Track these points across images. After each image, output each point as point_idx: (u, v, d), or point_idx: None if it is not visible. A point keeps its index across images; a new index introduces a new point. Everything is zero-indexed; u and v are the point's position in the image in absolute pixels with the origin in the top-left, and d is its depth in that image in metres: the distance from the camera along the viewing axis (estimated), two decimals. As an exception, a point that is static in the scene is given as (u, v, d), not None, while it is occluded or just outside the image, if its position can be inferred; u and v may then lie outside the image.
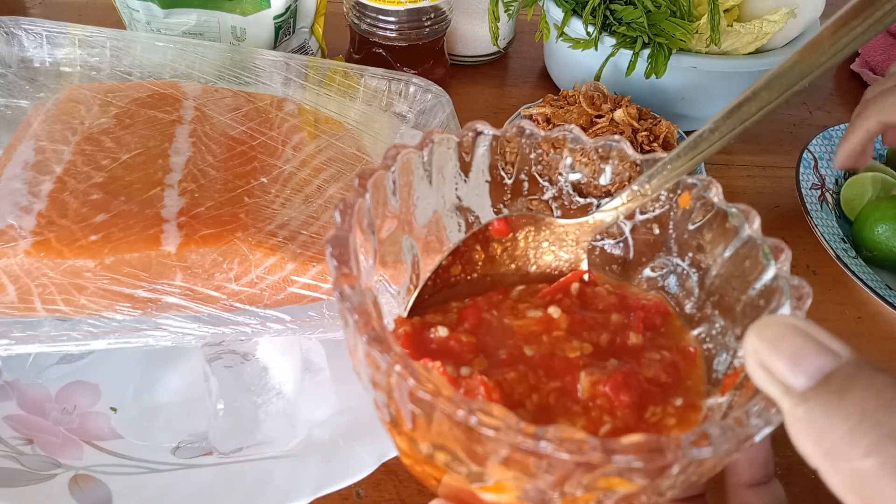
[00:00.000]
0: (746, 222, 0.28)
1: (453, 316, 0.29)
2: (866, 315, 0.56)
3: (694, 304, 0.30)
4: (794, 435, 0.18)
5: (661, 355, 0.27)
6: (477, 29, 0.76)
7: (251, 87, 0.56)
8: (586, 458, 0.18)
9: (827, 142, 0.67)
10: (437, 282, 0.31)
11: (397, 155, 0.28)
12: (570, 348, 0.27)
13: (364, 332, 0.21)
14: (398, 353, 0.20)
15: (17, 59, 0.55)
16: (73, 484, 0.37)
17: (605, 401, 0.25)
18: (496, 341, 0.27)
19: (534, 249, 0.32)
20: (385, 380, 0.21)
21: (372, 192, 0.26)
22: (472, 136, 0.31)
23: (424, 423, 0.21)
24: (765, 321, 0.20)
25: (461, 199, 0.32)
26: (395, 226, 0.29)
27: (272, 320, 0.39)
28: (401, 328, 0.27)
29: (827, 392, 0.18)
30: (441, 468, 0.23)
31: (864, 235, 0.58)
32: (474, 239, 0.32)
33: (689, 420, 0.25)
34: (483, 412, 0.19)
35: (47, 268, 0.36)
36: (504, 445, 0.19)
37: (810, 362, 0.18)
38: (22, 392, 0.42)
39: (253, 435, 0.40)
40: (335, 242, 0.23)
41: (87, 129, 0.45)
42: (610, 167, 0.32)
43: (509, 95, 0.77)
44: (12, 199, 0.39)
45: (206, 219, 0.40)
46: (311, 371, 0.43)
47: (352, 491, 0.40)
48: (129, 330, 0.38)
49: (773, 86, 0.24)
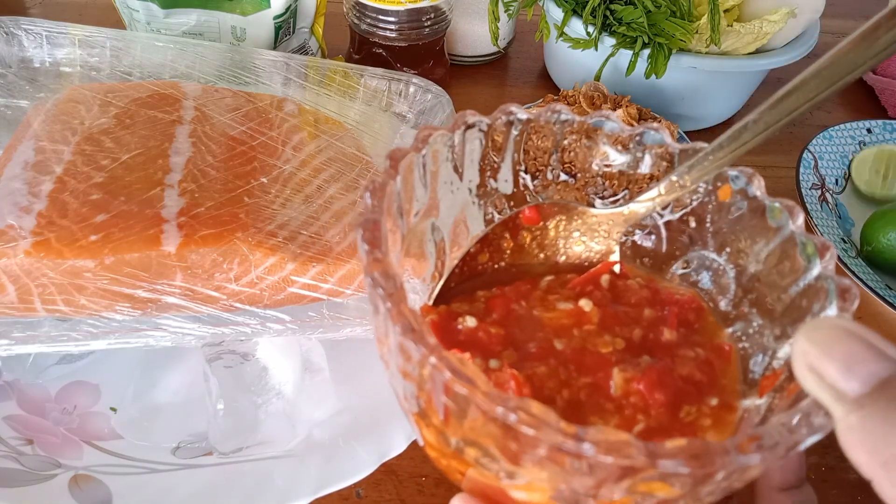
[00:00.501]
0: (790, 218, 0.26)
1: (480, 305, 0.28)
2: (866, 315, 0.56)
3: (729, 301, 0.29)
4: (845, 443, 0.18)
5: (695, 353, 0.27)
6: (477, 29, 0.76)
7: (251, 87, 0.56)
8: (631, 462, 0.17)
9: (827, 142, 0.67)
10: (463, 270, 0.30)
11: (430, 137, 0.27)
12: (602, 343, 0.26)
13: (398, 321, 0.20)
14: (433, 344, 0.19)
15: (17, 59, 0.55)
16: (73, 484, 0.37)
17: (638, 399, 0.24)
18: (525, 333, 0.26)
19: (564, 239, 0.31)
20: (417, 371, 0.20)
21: (403, 175, 0.25)
22: (504, 120, 0.29)
23: (457, 417, 0.20)
24: (815, 323, 0.19)
25: (489, 185, 0.31)
26: (423, 211, 0.28)
27: (272, 320, 0.39)
28: (427, 317, 0.26)
29: (884, 399, 0.17)
30: (468, 463, 0.22)
31: (873, 236, 0.58)
32: (503, 227, 0.31)
33: (725, 421, 0.25)
34: (522, 409, 0.18)
35: (47, 268, 0.36)
36: (543, 445, 0.18)
37: (864, 367, 0.17)
38: (22, 392, 0.42)
39: (253, 435, 0.40)
40: (366, 225, 0.22)
41: (87, 129, 0.45)
42: (648, 156, 0.31)
43: (509, 95, 0.77)
44: (12, 199, 0.39)
45: (206, 219, 0.40)
46: (311, 371, 0.43)
47: (352, 491, 0.40)
48: (129, 330, 0.38)
49: (823, 76, 0.22)
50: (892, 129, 0.69)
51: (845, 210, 0.65)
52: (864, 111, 0.80)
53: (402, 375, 0.22)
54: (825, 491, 0.44)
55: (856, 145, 0.68)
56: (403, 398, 0.23)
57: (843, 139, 0.68)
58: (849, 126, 0.68)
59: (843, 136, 0.68)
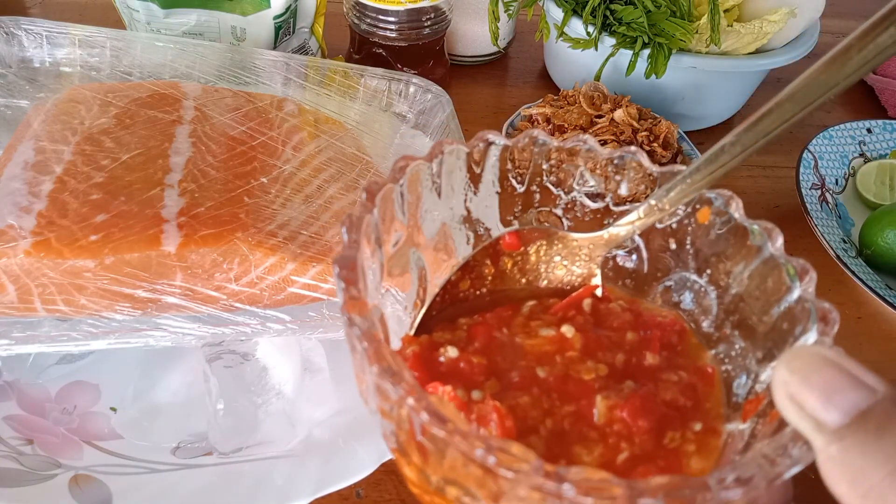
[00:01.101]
0: (769, 240, 0.27)
1: (462, 333, 0.28)
2: (866, 315, 0.56)
3: (711, 323, 0.29)
4: (826, 474, 0.18)
5: (678, 376, 0.27)
6: (477, 29, 0.76)
7: (251, 87, 0.56)
8: (611, 501, 0.17)
9: (827, 142, 0.67)
10: (445, 297, 0.30)
11: (406, 167, 0.27)
12: (584, 370, 0.26)
13: (374, 361, 0.20)
14: (410, 384, 0.19)
15: (17, 59, 0.55)
16: (73, 484, 0.37)
17: (622, 426, 0.24)
18: (507, 362, 0.26)
19: (545, 264, 0.32)
20: (395, 410, 0.20)
21: (380, 206, 0.25)
22: (482, 147, 0.30)
23: (436, 456, 0.20)
24: (795, 352, 0.19)
25: (470, 210, 0.31)
26: (403, 239, 0.28)
27: (272, 320, 0.39)
28: (409, 348, 0.26)
29: (863, 431, 0.17)
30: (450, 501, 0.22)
31: (871, 239, 0.58)
32: (484, 253, 0.31)
33: (710, 446, 0.25)
34: (502, 451, 0.18)
35: (47, 268, 0.36)
36: (523, 486, 0.18)
37: (844, 397, 0.17)
38: (22, 392, 0.42)
39: (253, 435, 0.40)
40: (342, 263, 0.22)
41: (87, 129, 0.45)
42: (626, 180, 0.31)
43: (509, 95, 0.77)
44: (12, 199, 0.39)
45: (206, 219, 0.40)
46: (310, 371, 0.43)
47: (352, 491, 0.40)
48: (129, 330, 0.38)
49: (797, 98, 0.22)
50: (893, 129, 0.69)
51: (845, 210, 0.65)
52: (864, 111, 0.80)
53: (380, 414, 0.22)
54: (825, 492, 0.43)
55: (856, 145, 0.68)
56: (382, 435, 0.23)
57: (843, 139, 0.68)
58: (849, 126, 0.68)
59: (843, 136, 0.68)
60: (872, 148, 0.68)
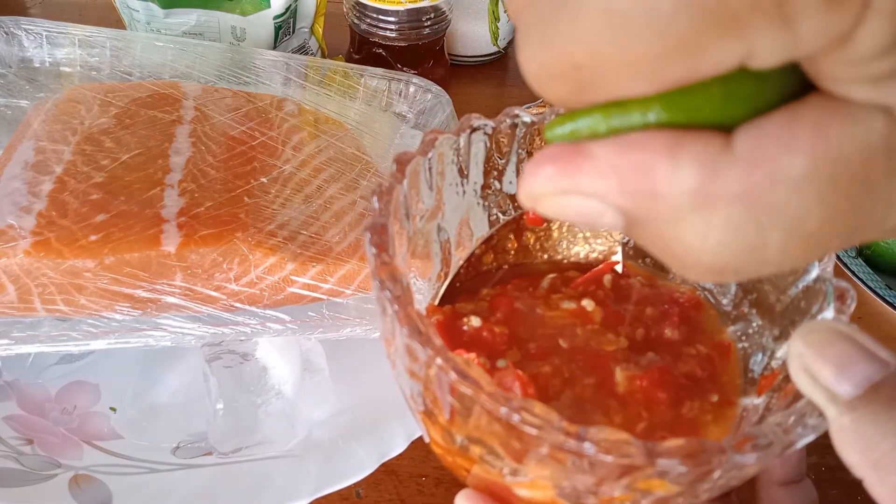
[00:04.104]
0: None
1: (484, 304, 0.28)
2: (866, 315, 0.56)
3: (730, 301, 0.29)
4: (838, 444, 0.18)
5: (696, 350, 0.27)
6: (477, 29, 0.76)
7: (251, 87, 0.56)
8: (630, 460, 0.18)
9: (827, 142, 0.67)
10: (468, 270, 0.31)
11: (436, 140, 0.27)
12: (605, 341, 0.26)
13: (405, 323, 0.20)
14: (438, 345, 0.20)
15: (17, 59, 0.55)
16: (73, 484, 0.37)
17: (642, 396, 0.24)
18: (529, 332, 0.27)
19: (567, 240, 0.32)
20: (423, 371, 0.20)
21: (409, 178, 0.25)
22: (509, 123, 0.30)
23: (462, 416, 0.21)
24: (810, 325, 0.19)
25: (493, 186, 0.31)
26: (429, 213, 0.28)
27: (272, 320, 0.39)
28: (433, 317, 0.27)
29: (875, 402, 0.17)
30: (473, 460, 0.22)
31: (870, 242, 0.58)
32: (508, 228, 0.31)
33: (726, 416, 0.25)
34: (525, 410, 0.18)
35: (47, 268, 0.36)
36: (545, 444, 0.19)
37: (857, 370, 0.18)
38: (22, 392, 0.42)
39: (252, 435, 0.40)
40: (374, 229, 0.23)
41: (87, 129, 0.45)
42: None
43: (509, 95, 0.77)
44: (12, 199, 0.39)
45: (206, 219, 0.40)
46: (310, 371, 0.43)
47: (352, 491, 0.40)
48: (129, 330, 0.38)
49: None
50: (892, 129, 0.69)
51: (845, 210, 0.65)
52: (865, 111, 0.80)
53: (408, 375, 0.22)
54: (825, 491, 0.44)
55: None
56: (410, 397, 0.23)
57: (843, 139, 0.67)
58: (849, 126, 0.68)
59: (843, 136, 0.68)
60: (872, 148, 0.68)
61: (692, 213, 0.14)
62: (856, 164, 0.14)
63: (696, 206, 0.14)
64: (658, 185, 0.14)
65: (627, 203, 0.15)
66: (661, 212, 0.15)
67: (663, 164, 0.14)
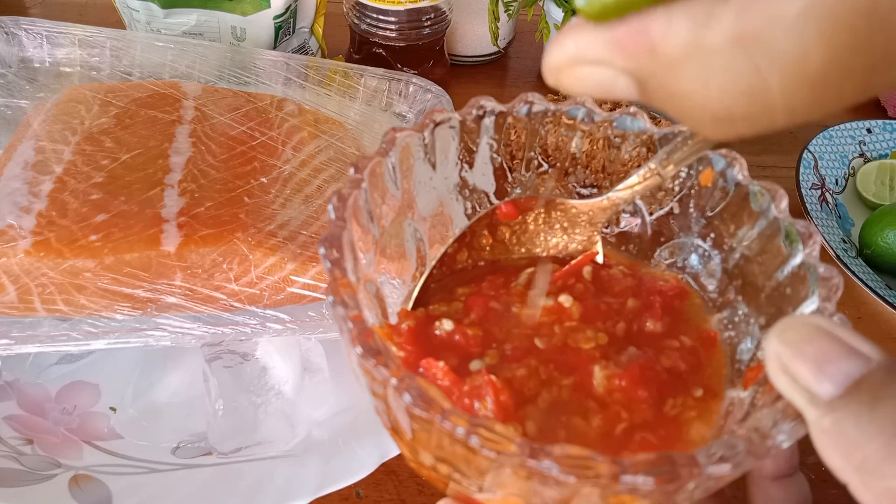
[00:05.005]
0: (773, 202, 0.26)
1: (459, 305, 0.27)
2: (866, 315, 0.56)
3: (716, 288, 0.28)
4: (820, 446, 0.17)
5: (680, 342, 0.26)
6: (477, 29, 0.76)
7: (251, 87, 0.56)
8: (593, 480, 0.17)
9: (827, 142, 0.67)
10: (442, 269, 0.30)
11: (395, 139, 0.26)
12: (583, 339, 0.25)
13: (358, 342, 0.20)
14: (394, 364, 0.19)
15: (17, 59, 0.55)
16: (73, 484, 0.37)
17: (622, 395, 0.23)
18: (504, 333, 0.26)
19: (544, 232, 0.31)
20: (382, 390, 0.20)
21: (369, 180, 0.25)
22: (476, 114, 0.29)
23: (425, 435, 0.20)
24: (787, 322, 0.18)
25: (466, 180, 0.30)
26: (397, 213, 0.28)
27: (272, 320, 0.39)
28: (404, 322, 0.26)
29: (857, 402, 0.16)
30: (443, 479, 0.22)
31: (871, 239, 0.58)
32: (481, 223, 0.30)
33: (711, 409, 0.24)
34: (484, 429, 0.18)
35: (47, 268, 0.36)
36: (506, 466, 0.18)
37: (837, 367, 0.17)
38: (22, 392, 0.42)
39: (252, 435, 0.40)
40: (329, 242, 0.22)
41: (87, 129, 0.45)
42: (626, 143, 0.30)
43: (509, 95, 0.76)
44: (12, 199, 0.39)
45: (206, 219, 0.40)
46: (310, 371, 0.43)
47: (352, 491, 0.40)
48: (129, 330, 0.38)
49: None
50: (893, 129, 0.69)
51: (845, 210, 0.65)
52: (864, 111, 0.80)
53: (371, 394, 0.21)
54: (825, 490, 0.43)
55: (856, 145, 0.68)
56: (376, 413, 0.23)
57: (842, 139, 0.68)
58: (849, 126, 0.68)
59: (842, 136, 0.68)
60: (872, 148, 0.68)
61: (691, 62, 0.15)
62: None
63: (693, 54, 0.15)
64: (655, 41, 0.15)
65: (631, 63, 0.16)
66: (663, 66, 0.15)
67: (658, 21, 0.15)
